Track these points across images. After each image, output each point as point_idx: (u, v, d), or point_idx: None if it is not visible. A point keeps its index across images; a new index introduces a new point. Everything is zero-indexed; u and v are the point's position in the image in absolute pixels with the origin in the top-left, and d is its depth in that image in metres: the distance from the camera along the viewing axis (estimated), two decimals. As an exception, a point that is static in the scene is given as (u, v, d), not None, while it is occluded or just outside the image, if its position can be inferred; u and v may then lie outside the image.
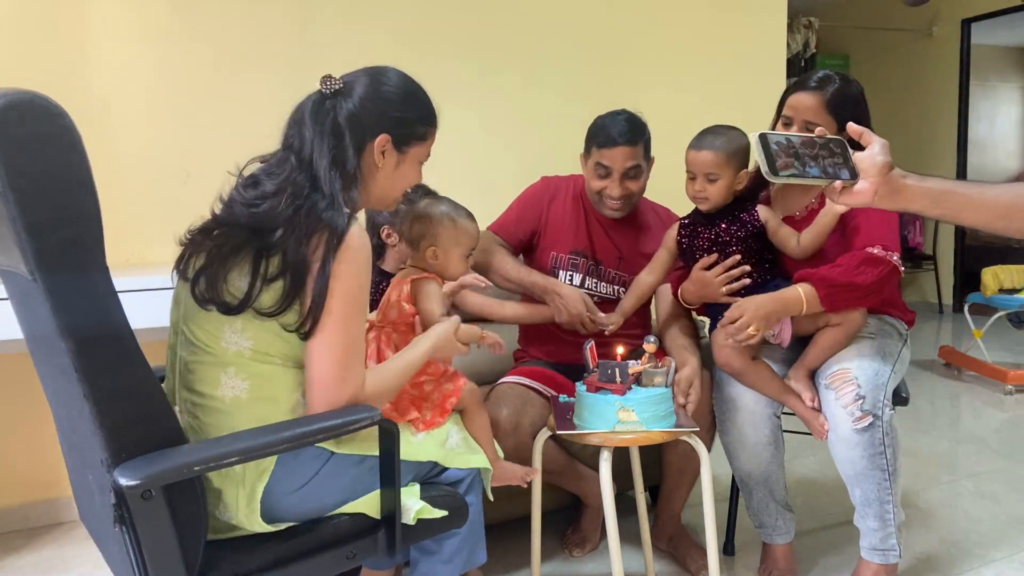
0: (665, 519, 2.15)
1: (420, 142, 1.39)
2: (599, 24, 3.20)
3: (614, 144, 1.98)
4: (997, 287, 4.04)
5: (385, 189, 1.38)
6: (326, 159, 1.26)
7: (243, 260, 1.22)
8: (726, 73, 3.47)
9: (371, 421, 1.19)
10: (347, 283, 1.20)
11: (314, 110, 1.30)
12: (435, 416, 1.48)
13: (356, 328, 1.25)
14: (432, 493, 1.38)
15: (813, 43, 6.23)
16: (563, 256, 2.15)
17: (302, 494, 1.25)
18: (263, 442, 1.11)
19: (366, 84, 1.33)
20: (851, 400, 1.72)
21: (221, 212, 1.30)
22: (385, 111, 1.33)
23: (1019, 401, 3.78)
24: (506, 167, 2.99)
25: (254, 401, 1.24)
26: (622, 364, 1.62)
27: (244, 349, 1.23)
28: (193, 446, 1.13)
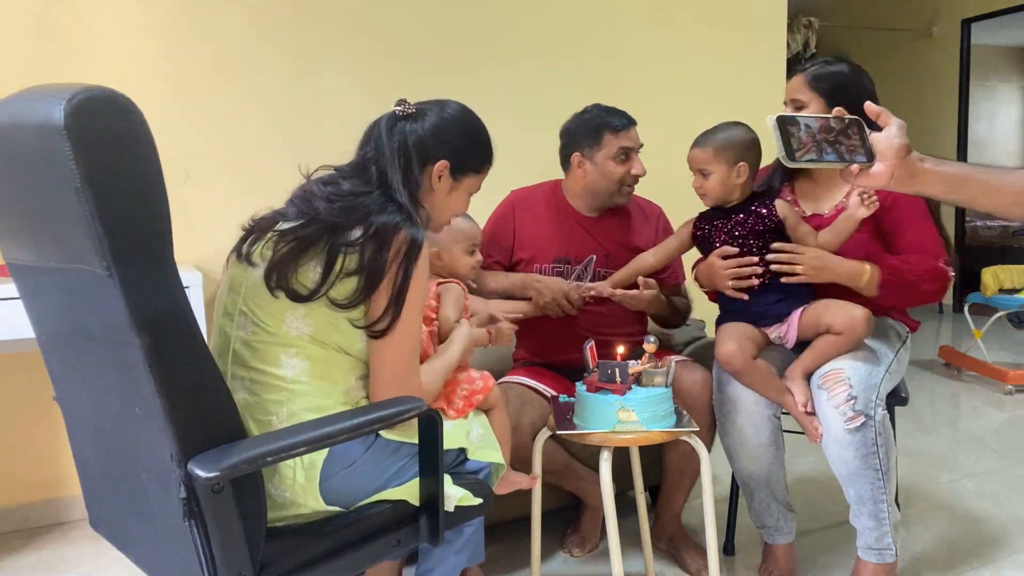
0: (665, 519, 2.15)
1: (475, 174, 1.50)
2: (598, 24, 3.20)
3: (631, 124, 2.08)
4: (997, 287, 4.04)
5: (436, 212, 1.48)
6: (399, 175, 1.37)
7: (318, 253, 1.28)
8: (726, 73, 3.47)
9: (420, 411, 1.24)
10: (418, 290, 1.31)
11: (389, 127, 1.42)
12: (466, 406, 1.53)
13: (418, 331, 1.37)
14: (462, 481, 1.42)
15: (813, 43, 6.23)
16: (547, 266, 2.14)
17: (348, 474, 1.29)
18: (325, 432, 1.14)
19: (436, 113, 1.44)
20: (843, 400, 1.73)
21: (298, 203, 1.35)
22: (449, 140, 1.44)
23: (1019, 401, 3.78)
24: (506, 169, 2.98)
25: (313, 379, 1.30)
26: (622, 364, 1.62)
27: (304, 334, 1.29)
28: (261, 437, 1.17)
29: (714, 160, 1.86)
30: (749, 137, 1.90)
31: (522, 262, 2.16)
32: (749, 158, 1.88)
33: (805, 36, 6.14)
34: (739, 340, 1.84)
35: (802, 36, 6.12)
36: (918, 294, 1.85)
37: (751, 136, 1.90)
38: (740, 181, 1.87)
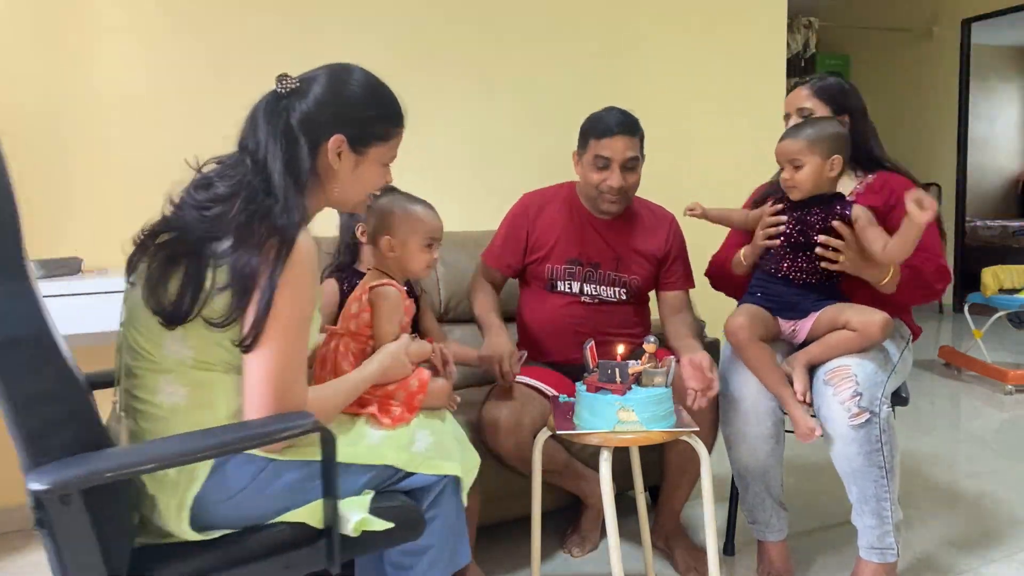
0: (664, 519, 2.15)
1: (381, 142, 1.34)
2: (599, 24, 3.20)
3: (612, 134, 1.99)
4: (997, 287, 4.04)
5: (346, 191, 1.33)
6: (279, 162, 1.23)
7: (189, 268, 1.18)
8: (726, 73, 3.47)
9: (303, 429, 1.14)
10: (293, 295, 1.17)
11: (268, 110, 1.27)
12: (406, 412, 1.44)
13: (299, 342, 1.21)
14: (385, 503, 1.31)
15: (813, 43, 6.24)
16: (559, 267, 2.13)
17: (237, 501, 1.21)
18: (180, 450, 1.09)
19: (323, 83, 1.29)
20: (848, 396, 1.73)
21: (171, 215, 1.25)
22: (341, 111, 1.28)
23: (1019, 401, 3.78)
24: (507, 169, 2.99)
25: (192, 407, 1.21)
26: (622, 364, 1.61)
27: (185, 357, 1.20)
28: (111, 451, 1.10)
29: (808, 151, 1.81)
30: (843, 132, 1.86)
31: (535, 262, 2.16)
32: (843, 152, 1.84)
33: (805, 36, 6.15)
34: (751, 316, 1.87)
35: (802, 36, 6.12)
36: (929, 292, 1.90)
37: (844, 131, 1.86)
38: (832, 175, 1.84)
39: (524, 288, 2.24)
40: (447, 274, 2.48)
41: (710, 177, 3.28)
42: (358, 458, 1.31)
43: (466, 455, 1.47)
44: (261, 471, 1.22)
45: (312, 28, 2.68)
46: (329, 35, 2.71)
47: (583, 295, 2.13)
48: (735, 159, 3.35)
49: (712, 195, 2.26)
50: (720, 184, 2.98)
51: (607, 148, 2.00)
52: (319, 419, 1.19)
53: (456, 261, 2.47)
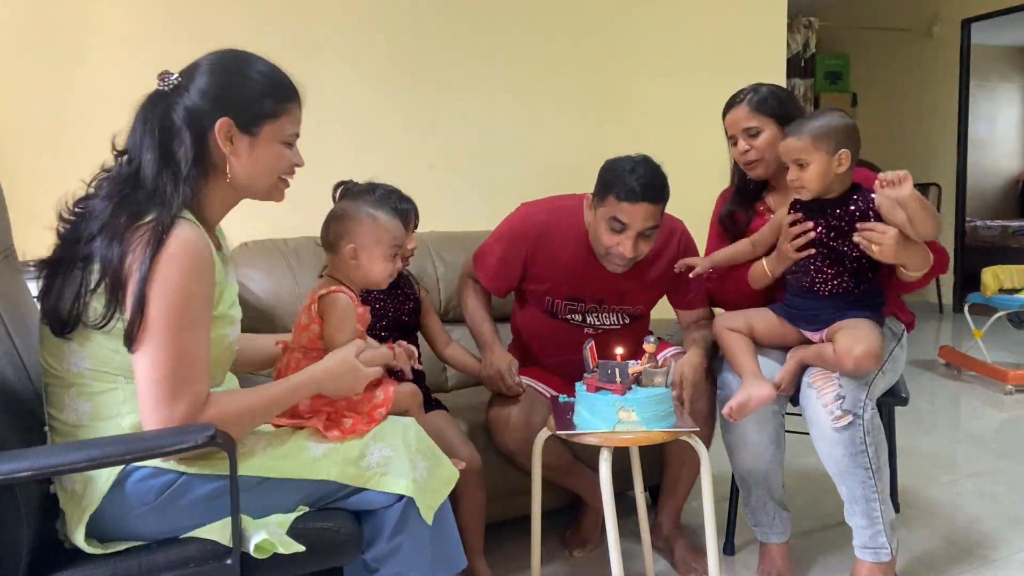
0: (663, 519, 2.15)
1: (272, 119, 1.27)
2: (600, 24, 3.20)
3: (637, 200, 1.78)
4: (997, 287, 4.04)
5: (250, 176, 1.27)
6: (151, 153, 1.20)
7: (66, 273, 1.17)
8: (726, 73, 3.46)
9: (193, 443, 1.07)
10: (172, 287, 1.12)
11: (146, 109, 1.24)
12: (357, 424, 1.35)
13: (189, 339, 1.15)
14: (314, 523, 1.25)
15: (813, 43, 6.23)
16: (560, 301, 2.04)
17: (142, 515, 1.18)
18: (57, 461, 1.06)
19: (205, 71, 1.24)
20: (831, 400, 1.74)
21: (60, 230, 1.23)
22: (223, 94, 1.23)
23: (1019, 401, 3.78)
24: (508, 169, 2.99)
25: (95, 421, 1.19)
26: (622, 364, 1.61)
27: (84, 369, 1.18)
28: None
29: (812, 149, 1.72)
30: (848, 123, 1.75)
31: (532, 290, 2.05)
32: (850, 145, 1.73)
33: (805, 36, 6.14)
34: (735, 313, 1.92)
35: (802, 36, 6.12)
36: (932, 275, 1.83)
37: (850, 122, 1.76)
38: (841, 171, 1.74)
39: (521, 302, 2.16)
40: (447, 274, 2.48)
41: (710, 179, 3.27)
42: (291, 472, 1.25)
43: (435, 471, 1.35)
44: (170, 486, 1.18)
45: (311, 33, 2.68)
46: (328, 39, 2.71)
47: (584, 324, 2.07)
48: (735, 159, 3.35)
49: (712, 197, 2.26)
50: (720, 186, 2.98)
51: (627, 214, 1.79)
52: (224, 429, 1.13)
53: (456, 261, 2.47)
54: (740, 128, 1.95)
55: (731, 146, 2.02)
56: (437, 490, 1.34)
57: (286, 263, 2.29)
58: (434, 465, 1.36)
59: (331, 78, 2.69)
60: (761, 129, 1.93)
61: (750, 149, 1.95)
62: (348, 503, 1.31)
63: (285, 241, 2.35)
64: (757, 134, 1.93)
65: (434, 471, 1.35)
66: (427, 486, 1.32)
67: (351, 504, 1.31)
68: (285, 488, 1.25)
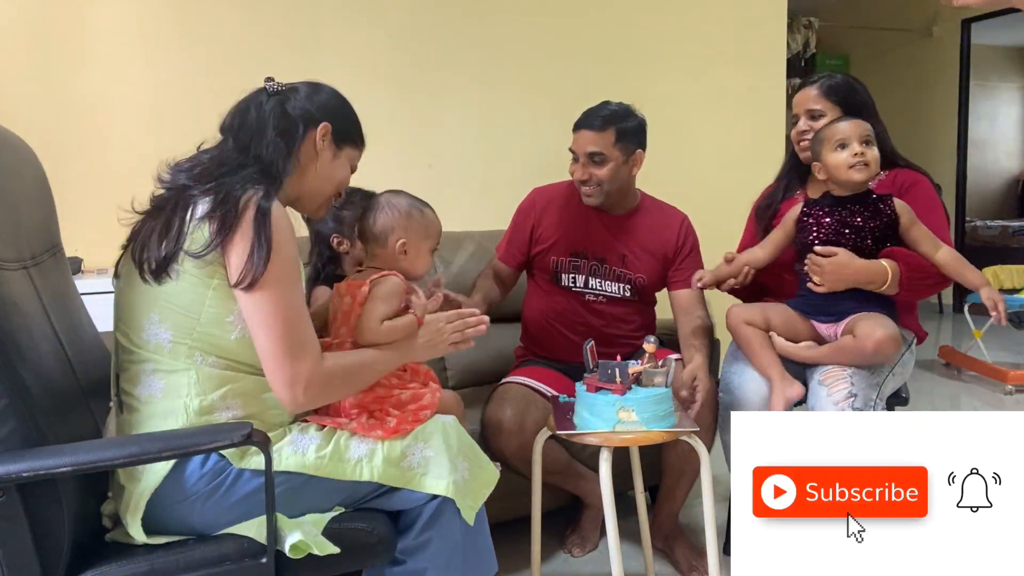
0: (663, 518, 2.15)
1: (353, 146, 1.45)
2: (599, 24, 3.20)
3: (578, 128, 2.04)
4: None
5: (321, 179, 1.40)
6: (265, 140, 1.31)
7: (172, 213, 1.23)
8: (726, 73, 3.47)
9: (231, 441, 1.10)
10: (280, 247, 1.20)
11: (251, 102, 1.36)
12: (401, 423, 1.36)
13: (297, 297, 1.24)
14: (350, 524, 1.27)
15: (813, 43, 6.23)
16: (564, 259, 2.15)
17: (193, 506, 1.21)
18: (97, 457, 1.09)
19: (307, 87, 1.41)
20: (843, 397, 1.73)
21: (157, 190, 1.30)
22: (327, 107, 1.40)
23: (1019, 401, 3.78)
24: (507, 169, 2.99)
25: (165, 399, 1.23)
26: (622, 364, 1.61)
27: (163, 342, 1.23)
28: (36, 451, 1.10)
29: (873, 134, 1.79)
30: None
31: (540, 254, 2.17)
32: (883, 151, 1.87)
33: (805, 36, 6.15)
34: (751, 305, 1.91)
35: (802, 36, 6.12)
36: (937, 283, 1.85)
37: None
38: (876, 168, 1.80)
39: (530, 281, 2.26)
40: (447, 274, 2.48)
41: (710, 178, 3.27)
42: (333, 473, 1.27)
43: (477, 472, 1.38)
44: (219, 476, 1.21)
45: (314, 29, 2.68)
46: (331, 37, 2.71)
47: (588, 289, 2.13)
48: (735, 159, 3.35)
49: (711, 196, 2.26)
50: (720, 185, 2.98)
51: (574, 142, 2.06)
52: (335, 383, 1.26)
53: (457, 261, 2.47)
54: (805, 108, 1.98)
55: (792, 124, 2.04)
56: (478, 491, 1.37)
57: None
58: (475, 466, 1.38)
59: (330, 77, 2.65)
60: (824, 113, 1.95)
61: (808, 130, 1.97)
62: (382, 503, 1.33)
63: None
64: (819, 117, 1.95)
65: (475, 472, 1.37)
66: (468, 488, 1.34)
67: (388, 503, 1.33)
68: (325, 488, 1.28)
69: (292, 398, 1.22)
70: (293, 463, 1.25)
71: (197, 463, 1.21)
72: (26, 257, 1.26)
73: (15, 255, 1.21)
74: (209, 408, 1.23)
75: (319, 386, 1.23)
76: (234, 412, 1.25)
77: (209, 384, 1.24)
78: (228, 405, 1.25)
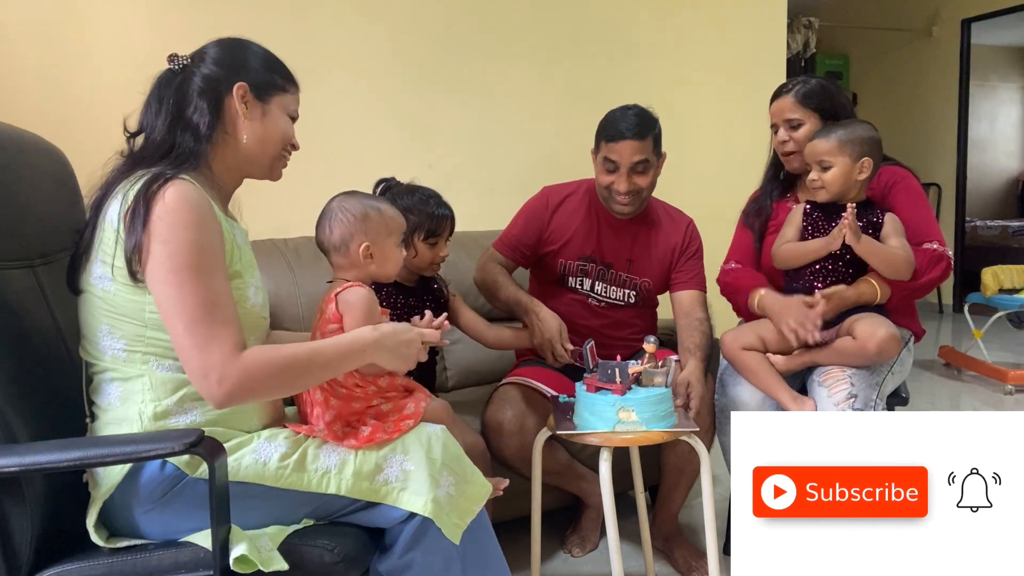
0: (662, 519, 2.15)
1: (282, 92, 1.35)
2: (600, 26, 3.20)
3: (621, 138, 1.96)
4: (997, 287, 4.04)
5: (260, 141, 1.32)
6: (167, 121, 1.26)
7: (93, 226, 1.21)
8: (726, 73, 3.47)
9: (172, 449, 1.07)
10: (177, 235, 1.14)
11: (160, 87, 1.30)
12: (376, 432, 1.29)
13: (208, 284, 1.15)
14: (307, 540, 1.20)
15: (813, 43, 6.23)
16: (572, 263, 2.12)
17: (149, 514, 1.19)
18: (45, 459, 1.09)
19: (217, 48, 1.33)
20: (843, 398, 1.73)
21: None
22: (237, 64, 1.31)
23: (1019, 401, 3.78)
24: (508, 169, 2.99)
25: (121, 405, 1.21)
26: (622, 364, 1.62)
27: (118, 352, 1.21)
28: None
29: (838, 152, 1.79)
30: (875, 135, 1.83)
31: (549, 255, 2.14)
32: (874, 156, 1.81)
33: (805, 36, 6.14)
34: (743, 328, 1.89)
35: (802, 36, 6.12)
36: (929, 283, 1.83)
37: (876, 135, 1.84)
38: (862, 177, 1.81)
39: (533, 281, 2.24)
40: (446, 274, 2.47)
41: (709, 178, 3.27)
42: (296, 484, 1.21)
43: (464, 488, 1.29)
44: (175, 484, 1.18)
45: (315, 30, 2.68)
46: (332, 37, 2.71)
47: (592, 294, 2.12)
48: (735, 160, 3.34)
49: (711, 196, 2.26)
50: (719, 185, 2.98)
51: (615, 152, 1.97)
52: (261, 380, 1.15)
53: (456, 261, 2.46)
54: (783, 118, 1.97)
55: (773, 134, 2.04)
56: (465, 508, 1.28)
57: (286, 263, 2.29)
58: (462, 481, 1.29)
59: (331, 78, 2.69)
60: (803, 122, 1.95)
61: (789, 140, 1.97)
62: (360, 518, 1.26)
63: (285, 241, 2.36)
64: (798, 126, 1.95)
65: (462, 487, 1.28)
66: (452, 504, 1.25)
67: (367, 518, 1.26)
68: (290, 499, 1.22)
69: (208, 391, 1.14)
70: (251, 472, 1.19)
71: (155, 469, 1.17)
72: (34, 255, 1.26)
73: (19, 253, 1.23)
74: (164, 413, 1.20)
75: (237, 377, 1.13)
76: (193, 417, 1.21)
77: (163, 389, 1.20)
78: (186, 409, 1.21)
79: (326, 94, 2.69)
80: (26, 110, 2.30)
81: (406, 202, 1.78)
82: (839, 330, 1.81)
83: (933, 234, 1.86)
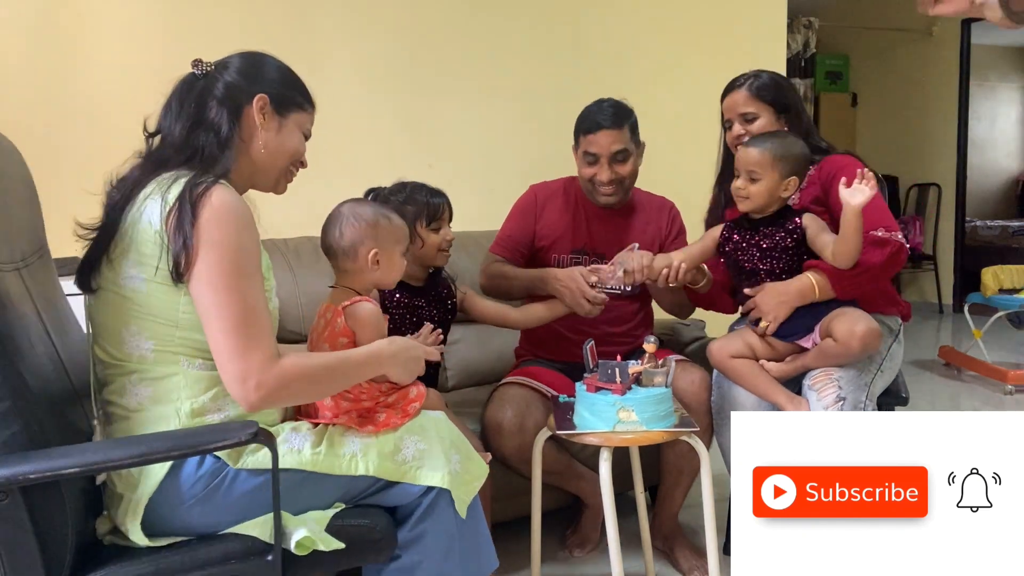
0: (662, 519, 2.15)
1: (300, 110, 1.39)
2: (599, 25, 3.20)
3: (598, 128, 2.01)
4: (997, 287, 4.04)
5: (273, 154, 1.35)
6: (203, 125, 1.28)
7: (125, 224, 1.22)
8: (726, 73, 3.45)
9: (238, 439, 1.09)
10: (224, 238, 1.16)
11: (181, 91, 1.32)
12: (391, 417, 1.36)
13: (249, 289, 1.18)
14: (351, 520, 1.26)
15: (813, 43, 6.23)
16: (565, 257, 2.15)
17: (192, 509, 1.20)
18: (104, 457, 1.08)
19: (240, 59, 1.35)
20: (832, 402, 1.73)
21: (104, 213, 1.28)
22: (260, 76, 1.34)
23: (1019, 401, 3.78)
24: (508, 169, 2.99)
25: (155, 406, 1.22)
26: (622, 364, 1.62)
27: (146, 352, 1.21)
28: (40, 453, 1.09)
29: (769, 167, 1.76)
30: (806, 154, 1.82)
31: (542, 250, 2.17)
32: (801, 174, 1.81)
33: (805, 36, 6.14)
34: (729, 337, 1.89)
35: (802, 36, 6.12)
36: (872, 271, 1.75)
37: (807, 152, 1.83)
38: (784, 195, 1.80)
39: None
40: (447, 273, 2.47)
41: (709, 178, 3.27)
42: (330, 468, 1.27)
43: (467, 465, 1.37)
44: (216, 478, 1.20)
45: (315, 31, 2.68)
46: (332, 38, 2.71)
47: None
48: (735, 159, 3.36)
49: (709, 194, 2.25)
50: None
51: (593, 144, 2.02)
52: (296, 384, 1.19)
53: (456, 261, 2.46)
54: (737, 112, 1.96)
55: (725, 130, 2.02)
56: (469, 484, 1.37)
57: (286, 263, 2.29)
58: (466, 458, 1.38)
59: (331, 78, 2.69)
60: (758, 115, 1.93)
61: (745, 134, 1.94)
62: (383, 498, 1.32)
63: (285, 241, 2.35)
64: (753, 120, 1.93)
65: (466, 464, 1.37)
66: (461, 480, 1.34)
67: (386, 499, 1.32)
68: (323, 484, 1.27)
69: (244, 395, 1.16)
70: (291, 460, 1.24)
71: (193, 466, 1.20)
72: (17, 259, 1.24)
73: (8, 256, 1.20)
74: (201, 410, 1.22)
75: (273, 384, 1.17)
76: (225, 413, 1.24)
77: (198, 387, 1.23)
78: (219, 407, 1.24)
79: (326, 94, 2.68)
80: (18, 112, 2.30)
81: (399, 197, 1.78)
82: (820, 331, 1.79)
83: (879, 220, 1.77)
